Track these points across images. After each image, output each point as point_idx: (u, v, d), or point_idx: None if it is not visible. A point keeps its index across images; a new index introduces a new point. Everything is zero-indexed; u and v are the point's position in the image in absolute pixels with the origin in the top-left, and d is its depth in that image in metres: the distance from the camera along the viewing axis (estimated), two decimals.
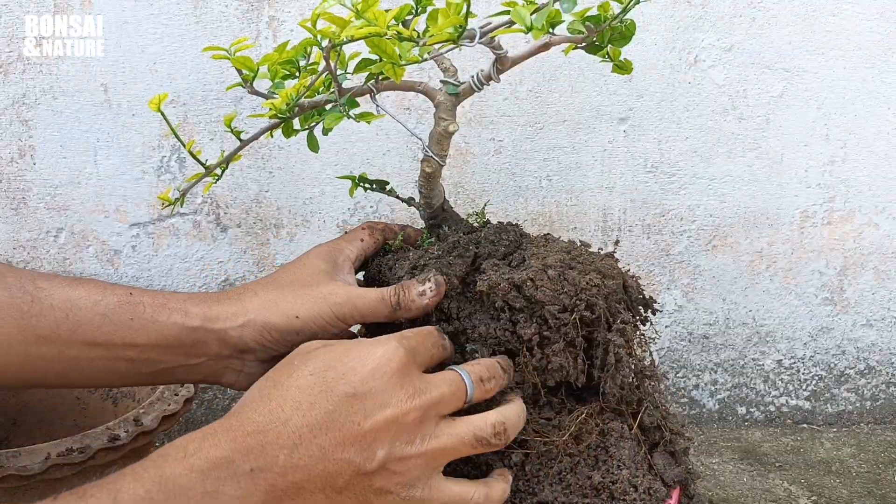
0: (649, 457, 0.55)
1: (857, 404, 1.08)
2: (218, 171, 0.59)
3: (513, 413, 0.48)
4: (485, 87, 0.53)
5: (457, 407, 0.45)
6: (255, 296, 0.53)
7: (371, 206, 0.98)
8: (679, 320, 1.05)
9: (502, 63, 0.52)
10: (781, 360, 1.07)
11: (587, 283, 0.52)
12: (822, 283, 1.05)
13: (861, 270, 1.04)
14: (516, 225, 0.60)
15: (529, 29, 0.44)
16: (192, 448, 0.38)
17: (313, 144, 0.59)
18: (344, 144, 0.96)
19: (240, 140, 0.57)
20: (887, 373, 1.08)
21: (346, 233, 0.62)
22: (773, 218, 1.02)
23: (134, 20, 0.90)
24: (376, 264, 0.60)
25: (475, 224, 0.62)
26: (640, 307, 0.58)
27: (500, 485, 0.47)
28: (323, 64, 0.48)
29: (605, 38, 0.50)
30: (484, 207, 0.65)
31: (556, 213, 0.99)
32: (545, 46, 0.50)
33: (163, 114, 0.55)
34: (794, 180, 1.01)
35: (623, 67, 0.54)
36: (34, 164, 0.93)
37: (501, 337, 0.53)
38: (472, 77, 0.53)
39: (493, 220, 0.62)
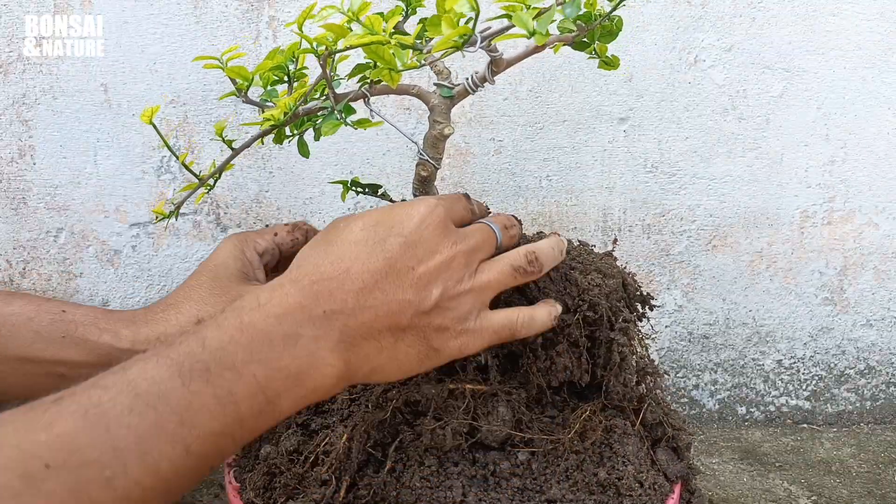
0: (652, 453, 0.55)
1: (857, 404, 1.08)
2: (211, 181, 0.59)
3: (543, 244, 0.52)
4: (480, 88, 0.54)
5: (491, 251, 0.50)
6: (179, 313, 0.55)
7: (371, 206, 0.98)
8: (679, 320, 1.05)
9: (497, 65, 0.52)
10: (781, 360, 1.07)
11: (589, 283, 0.52)
12: (822, 283, 1.05)
13: (861, 270, 1.04)
14: None
15: (532, 34, 0.44)
16: (264, 298, 0.42)
17: (304, 150, 0.59)
18: (344, 144, 0.96)
19: (232, 149, 0.57)
20: (887, 373, 1.08)
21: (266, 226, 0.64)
22: (773, 218, 1.02)
23: (134, 20, 0.90)
24: None
25: None
26: (639, 304, 0.58)
27: (544, 307, 0.50)
28: (315, 71, 0.47)
29: (595, 35, 0.50)
30: None
31: (556, 213, 0.99)
32: (540, 47, 0.50)
33: (154, 126, 0.55)
34: (794, 180, 1.01)
35: (610, 63, 0.54)
36: (34, 164, 0.93)
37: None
38: (468, 79, 0.53)
39: None
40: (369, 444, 0.49)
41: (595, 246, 0.60)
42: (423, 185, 0.59)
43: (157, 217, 0.60)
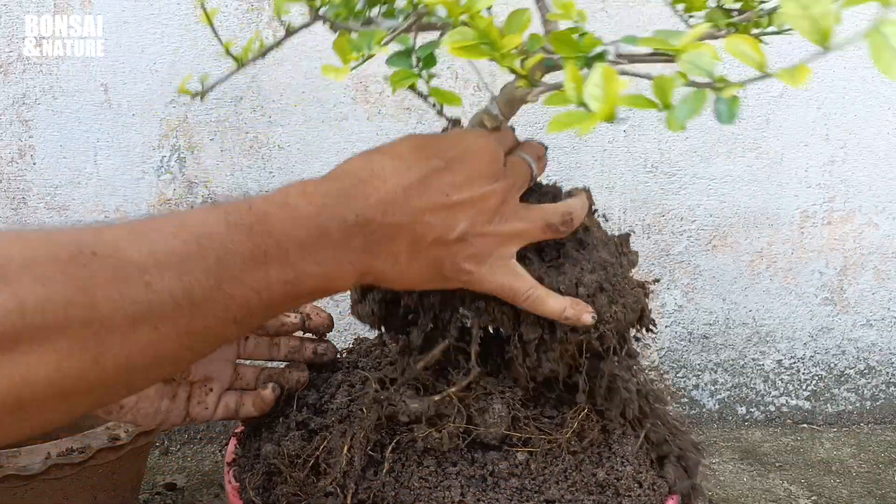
0: (659, 468, 0.54)
1: (857, 404, 1.08)
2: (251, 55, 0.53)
3: (578, 204, 0.51)
4: None
5: (527, 185, 0.50)
6: None
7: None
8: (679, 320, 1.05)
9: None
10: (781, 360, 1.07)
11: (610, 317, 0.50)
12: (822, 283, 1.05)
13: (861, 270, 1.04)
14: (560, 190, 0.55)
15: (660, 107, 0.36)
16: (310, 188, 0.43)
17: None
18: (344, 144, 0.96)
19: (287, 29, 0.50)
20: (887, 373, 1.08)
21: None
22: (773, 218, 1.02)
23: (134, 20, 0.90)
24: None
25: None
26: (645, 329, 0.56)
27: (562, 301, 0.48)
28: None
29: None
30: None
31: None
32: None
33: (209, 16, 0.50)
34: (794, 180, 1.01)
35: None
36: (34, 164, 0.93)
37: (497, 316, 0.51)
38: None
39: None
40: (369, 448, 0.49)
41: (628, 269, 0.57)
42: None
43: (180, 94, 0.55)
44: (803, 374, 1.07)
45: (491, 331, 0.54)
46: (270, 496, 0.50)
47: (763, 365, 1.07)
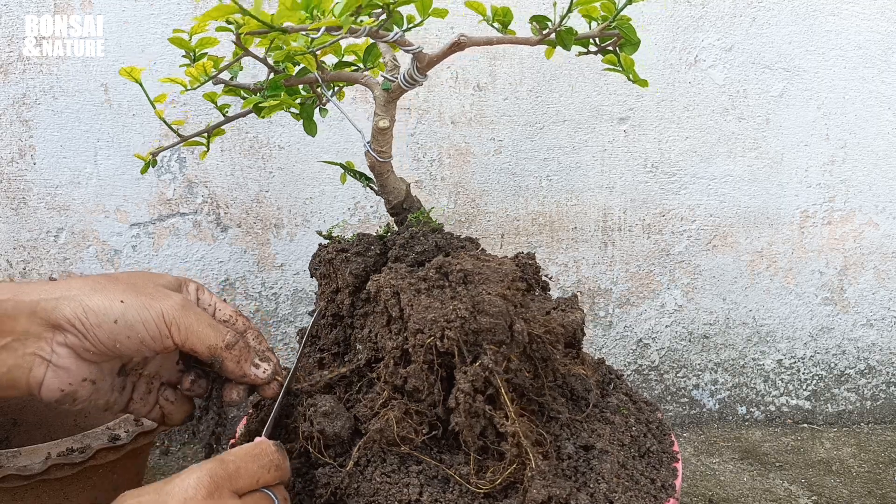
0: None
1: (858, 404, 1.08)
2: (202, 139, 0.60)
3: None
4: (415, 85, 0.53)
5: None
6: (81, 278, 0.50)
7: (371, 206, 0.98)
8: (679, 320, 1.05)
9: (420, 60, 0.51)
10: (782, 359, 1.07)
11: (451, 311, 0.49)
12: (822, 283, 1.05)
13: (861, 270, 1.04)
14: (451, 234, 0.57)
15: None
16: None
17: (311, 129, 0.60)
18: (345, 144, 0.96)
19: (224, 115, 0.59)
20: (887, 373, 1.08)
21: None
22: (773, 217, 1.02)
23: (134, 20, 0.90)
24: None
25: (426, 226, 0.59)
26: (538, 362, 0.54)
27: None
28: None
29: (566, 41, 0.49)
30: (429, 210, 0.62)
31: (556, 212, 0.99)
32: (457, 46, 0.49)
33: (141, 84, 0.56)
34: (794, 180, 1.01)
35: (637, 81, 0.53)
36: (34, 164, 0.93)
37: (379, 343, 0.51)
38: (400, 76, 0.53)
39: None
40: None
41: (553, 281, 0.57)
42: (376, 177, 0.60)
43: (143, 167, 0.60)
44: (803, 373, 1.07)
45: None
46: None
47: (763, 365, 1.07)
